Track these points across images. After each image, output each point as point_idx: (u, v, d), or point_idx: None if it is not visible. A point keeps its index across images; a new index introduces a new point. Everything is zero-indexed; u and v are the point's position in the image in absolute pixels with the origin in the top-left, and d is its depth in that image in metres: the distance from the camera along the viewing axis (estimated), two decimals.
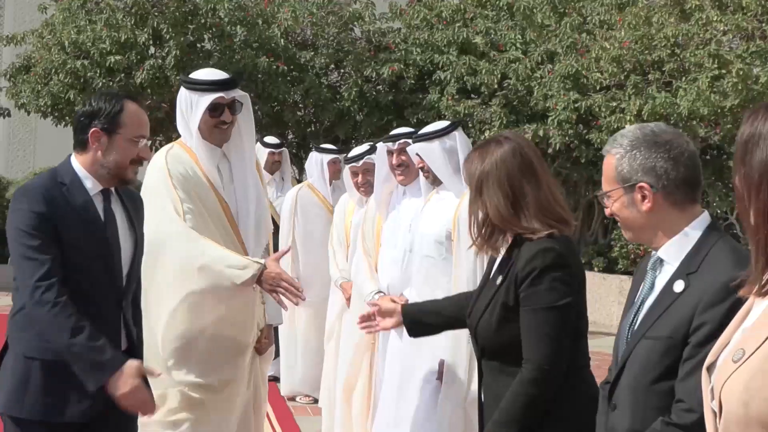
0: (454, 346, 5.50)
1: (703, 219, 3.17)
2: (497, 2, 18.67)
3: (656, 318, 3.05)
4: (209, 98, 5.27)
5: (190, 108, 5.31)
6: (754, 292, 2.29)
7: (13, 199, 4.20)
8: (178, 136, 5.45)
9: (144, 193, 5.05)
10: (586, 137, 15.95)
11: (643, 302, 3.17)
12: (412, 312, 4.59)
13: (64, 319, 4.01)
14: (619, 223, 3.32)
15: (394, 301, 6.30)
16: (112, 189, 4.36)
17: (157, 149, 19.72)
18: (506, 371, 3.88)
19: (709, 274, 2.98)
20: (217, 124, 5.33)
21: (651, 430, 2.97)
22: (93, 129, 4.24)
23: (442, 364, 5.70)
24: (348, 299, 7.62)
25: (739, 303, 2.80)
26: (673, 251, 3.12)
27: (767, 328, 2.17)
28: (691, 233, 3.12)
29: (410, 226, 6.48)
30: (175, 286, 5.19)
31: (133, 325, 4.47)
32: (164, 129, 18.99)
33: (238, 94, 5.39)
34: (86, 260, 4.17)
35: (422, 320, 4.55)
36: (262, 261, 5.18)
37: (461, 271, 5.69)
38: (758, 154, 2.26)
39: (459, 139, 5.97)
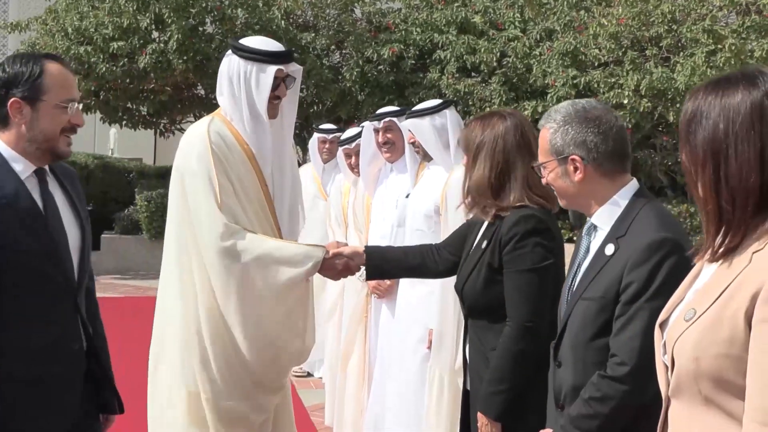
0: (441, 314, 5.68)
1: (631, 186, 3.38)
2: None
3: (591, 280, 3.25)
4: (273, 70, 4.81)
5: (248, 80, 4.82)
6: (707, 258, 2.43)
7: None
8: (182, 119, 5.33)
9: (180, 168, 4.75)
10: None
11: (579, 265, 3.38)
12: (374, 256, 4.80)
13: None
14: (555, 192, 3.52)
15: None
16: (47, 168, 3.74)
17: (161, 133, 20.18)
18: (492, 329, 4.10)
19: (635, 237, 3.19)
20: (270, 99, 4.85)
21: (589, 383, 3.17)
22: (12, 99, 3.57)
23: (430, 332, 5.89)
24: None
25: (663, 261, 3.00)
26: (604, 217, 3.34)
27: (716, 291, 2.31)
28: (620, 200, 3.34)
29: (397, 201, 6.66)
30: (222, 286, 4.70)
31: (89, 320, 3.88)
32: (168, 111, 19.19)
33: (294, 67, 4.98)
34: (27, 259, 3.53)
35: (382, 266, 4.81)
36: (322, 246, 4.83)
37: None
38: (700, 132, 2.38)
39: (449, 117, 6.17)
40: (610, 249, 3.24)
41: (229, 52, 4.89)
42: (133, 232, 18.86)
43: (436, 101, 6.39)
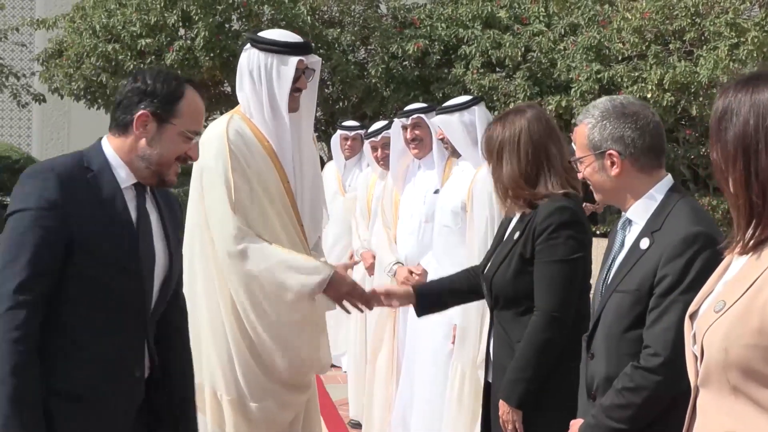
0: (464, 309, 5.80)
1: (666, 182, 3.48)
2: None
3: (626, 273, 3.36)
4: (294, 61, 4.72)
5: (269, 72, 4.68)
6: (737, 251, 2.50)
7: (20, 179, 3.36)
8: (209, 116, 5.30)
9: (200, 166, 4.68)
10: None
11: (614, 259, 3.49)
12: (423, 292, 4.75)
13: (13, 352, 3.16)
14: (591, 187, 3.61)
15: (411, 272, 6.68)
16: (147, 186, 3.56)
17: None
18: (518, 321, 4.21)
19: (670, 231, 3.29)
20: (291, 91, 4.76)
21: (623, 374, 3.27)
22: (141, 111, 3.44)
23: (454, 328, 6.00)
24: (368, 268, 7.90)
25: (698, 255, 3.10)
26: (639, 211, 3.44)
27: (746, 283, 2.39)
28: (656, 195, 3.44)
29: (425, 197, 6.79)
30: (236, 288, 4.68)
31: (176, 352, 3.76)
32: None
33: (313, 59, 4.89)
34: (107, 271, 3.35)
35: (431, 299, 4.74)
36: (331, 266, 4.72)
37: (474, 241, 5.97)
38: (732, 129, 2.45)
39: (478, 114, 6.28)
40: (645, 243, 3.34)
41: (248, 46, 4.81)
42: None
43: (466, 98, 6.51)
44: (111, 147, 3.46)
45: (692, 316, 2.60)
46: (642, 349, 3.26)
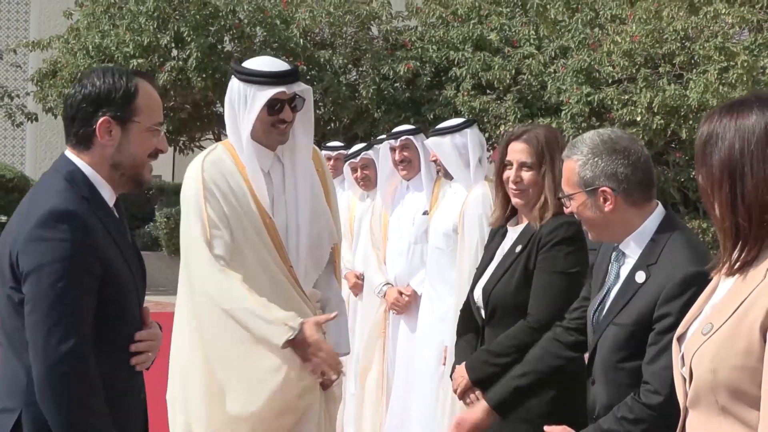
0: (454, 331, 5.84)
1: (658, 213, 3.46)
2: None
3: (622, 306, 3.36)
4: (268, 93, 4.37)
5: (244, 103, 4.42)
6: (724, 272, 2.53)
7: (40, 225, 3.00)
8: (201, 137, 5.01)
9: (181, 203, 4.48)
10: (599, 130, 16.22)
11: (609, 290, 3.49)
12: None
13: (91, 416, 3.00)
14: (582, 223, 3.59)
15: (401, 293, 6.73)
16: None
17: (180, 150, 20.39)
18: None
19: (668, 267, 3.29)
20: (275, 123, 4.41)
21: (624, 404, 3.29)
22: (102, 119, 3.13)
23: (446, 350, 6.03)
24: (352, 287, 7.92)
25: (696, 295, 3.11)
26: (633, 245, 3.43)
27: (732, 306, 2.42)
28: (649, 227, 3.42)
29: (414, 218, 6.84)
30: (203, 325, 4.38)
31: None
32: (187, 129, 19.43)
33: (300, 87, 4.50)
34: (127, 300, 3.17)
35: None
36: (298, 322, 4.20)
37: (464, 263, 6.01)
38: (717, 153, 2.47)
39: (470, 136, 6.28)
40: (641, 276, 3.33)
41: (232, 76, 4.54)
42: (153, 248, 19.07)
43: (459, 120, 6.53)
44: (88, 167, 3.17)
45: (680, 339, 2.63)
46: (642, 383, 3.28)
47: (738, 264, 2.48)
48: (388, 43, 19.05)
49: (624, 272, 3.45)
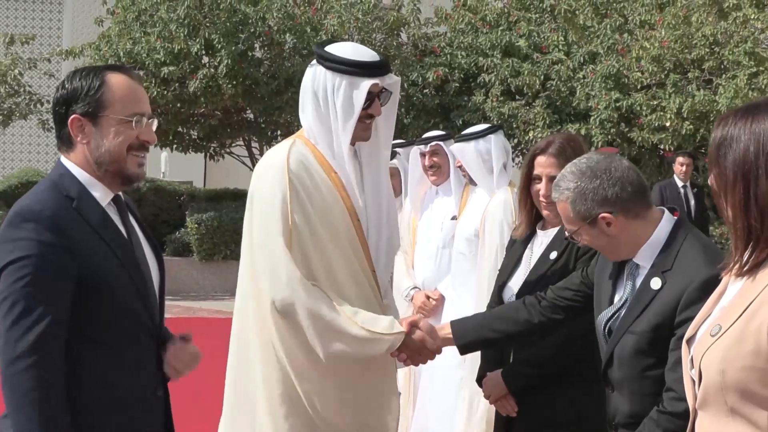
0: None
1: (667, 221, 3.50)
2: (540, 5, 19.00)
3: (638, 314, 3.39)
4: (366, 85, 4.01)
5: (333, 95, 4.04)
6: (734, 272, 2.58)
7: (7, 226, 3.05)
8: (232, 143, 4.32)
9: (253, 199, 4.09)
10: (628, 135, 16.26)
11: (622, 298, 3.53)
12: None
13: (41, 410, 2.94)
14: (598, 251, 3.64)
15: (428, 297, 6.78)
16: (122, 195, 3.34)
17: (211, 156, 20.50)
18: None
19: (684, 272, 3.32)
20: (362, 118, 4.06)
21: (649, 419, 3.31)
22: (72, 116, 3.16)
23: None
24: None
25: None
26: (646, 255, 3.47)
27: (740, 308, 2.47)
28: (659, 236, 3.46)
29: (442, 223, 6.90)
30: (281, 340, 4.02)
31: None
32: (217, 135, 19.54)
33: (391, 80, 4.16)
34: (121, 299, 3.14)
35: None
36: (399, 328, 3.98)
37: (484, 268, 6.07)
38: (731, 155, 2.53)
39: (494, 142, 6.34)
40: (656, 283, 3.37)
41: (314, 61, 4.12)
42: (184, 254, 19.17)
43: (483, 126, 6.59)
44: (76, 166, 3.19)
45: (689, 341, 2.67)
46: (664, 391, 3.30)
47: (749, 265, 2.52)
48: (417, 50, 19.11)
49: (637, 279, 3.50)
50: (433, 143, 7.03)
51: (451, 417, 6.26)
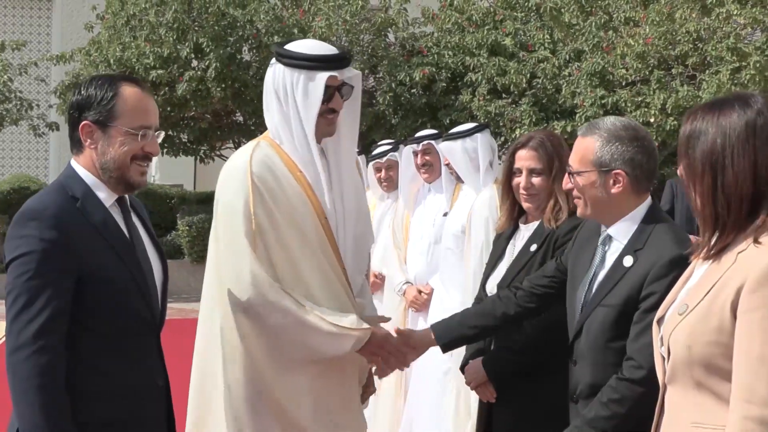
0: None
1: (647, 203, 3.66)
2: (526, 3, 19.15)
3: (610, 289, 3.56)
4: (322, 77, 3.97)
5: (292, 92, 4.02)
6: (702, 256, 2.77)
7: (14, 223, 3.25)
8: (222, 146, 4.13)
9: (218, 203, 4.07)
10: None
11: (596, 274, 3.68)
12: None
13: (41, 396, 3.11)
14: (576, 197, 3.72)
15: (420, 291, 6.95)
16: (126, 197, 3.50)
17: (201, 159, 20.61)
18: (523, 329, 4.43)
19: (654, 251, 3.50)
20: (323, 113, 4.02)
21: (607, 387, 3.47)
22: (83, 123, 3.35)
23: None
24: (370, 286, 8.09)
25: (679, 275, 3.33)
26: (622, 230, 3.63)
27: (705, 288, 2.66)
28: (638, 215, 3.63)
29: (434, 219, 7.08)
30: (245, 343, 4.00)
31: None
32: (208, 139, 19.66)
33: (350, 73, 4.13)
34: (120, 294, 3.30)
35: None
36: (365, 325, 3.97)
37: (470, 263, 6.23)
38: (699, 147, 2.71)
39: (481, 141, 6.53)
40: (628, 261, 3.53)
41: (273, 60, 4.16)
42: (176, 256, 19.30)
43: (470, 125, 6.77)
44: (83, 168, 3.38)
45: (659, 321, 2.85)
46: (625, 360, 3.45)
47: (714, 249, 2.70)
48: (405, 50, 19.26)
49: (609, 256, 3.65)
50: (425, 142, 7.20)
51: (440, 408, 6.41)
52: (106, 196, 3.38)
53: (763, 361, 2.49)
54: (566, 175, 3.73)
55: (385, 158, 8.02)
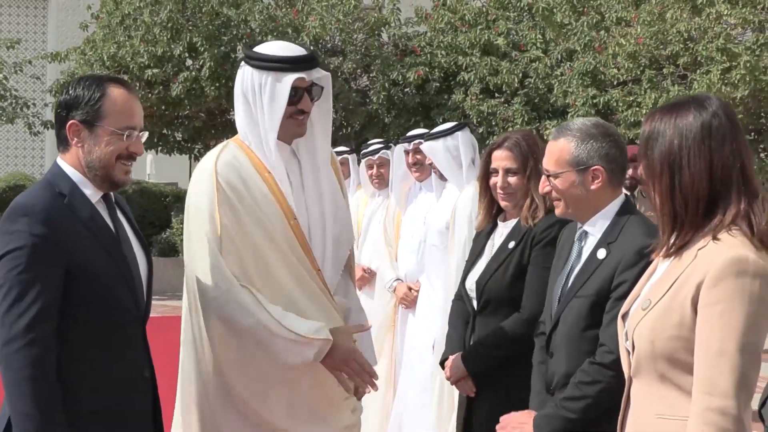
0: (443, 323, 6.09)
1: (620, 199, 3.78)
2: (518, 3, 19.27)
3: (585, 281, 3.67)
4: (288, 80, 3.95)
5: (260, 93, 4.00)
6: (662, 254, 2.86)
7: (4, 220, 3.31)
8: (216, 144, 4.23)
9: (187, 207, 4.06)
10: None
11: (572, 268, 3.79)
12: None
13: (33, 388, 3.18)
14: (553, 199, 3.81)
15: (410, 288, 7.05)
16: (112, 194, 3.55)
17: (195, 158, 20.70)
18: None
19: (625, 242, 3.62)
20: (292, 114, 4.00)
21: (580, 369, 3.59)
22: (70, 121, 3.41)
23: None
24: (358, 280, 8.13)
25: (648, 264, 3.43)
26: (597, 225, 3.74)
27: (667, 284, 2.75)
28: (612, 210, 3.74)
29: (425, 218, 7.18)
30: (220, 343, 3.96)
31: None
32: (202, 137, 19.76)
33: (318, 74, 4.09)
34: (106, 286, 3.37)
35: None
36: (325, 334, 3.87)
37: (453, 258, 6.32)
38: (657, 148, 2.78)
39: (462, 139, 6.63)
40: (602, 253, 3.64)
41: (242, 63, 4.12)
42: (170, 254, 19.39)
43: (450, 124, 6.86)
44: (69, 166, 3.44)
45: (624, 317, 2.93)
46: (598, 346, 3.56)
47: (674, 247, 2.79)
48: (398, 49, 19.38)
49: (586, 251, 3.76)
50: (416, 141, 7.30)
51: (424, 402, 6.51)
52: (91, 192, 3.43)
53: (722, 354, 2.58)
54: (543, 178, 3.82)
55: (377, 156, 8.10)
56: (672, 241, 2.82)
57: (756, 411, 2.62)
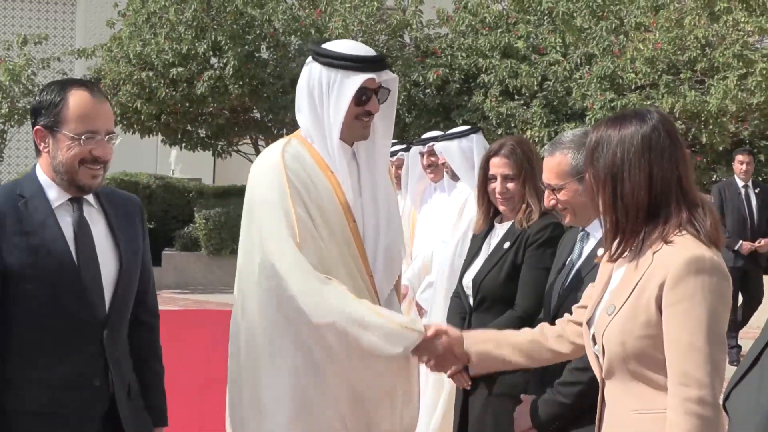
0: (443, 319, 6.28)
1: None
2: (538, 7, 19.38)
3: (584, 277, 3.84)
4: (358, 80, 3.85)
5: (328, 91, 3.89)
6: (605, 259, 3.03)
7: None
8: (239, 141, 4.09)
9: (251, 201, 3.96)
10: None
11: (573, 266, 3.99)
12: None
13: None
14: (561, 210, 3.97)
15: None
16: (89, 197, 3.53)
17: (219, 154, 20.94)
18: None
19: None
20: (359, 115, 3.91)
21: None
22: (36, 127, 3.43)
23: None
24: None
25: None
26: (597, 226, 3.90)
27: (628, 288, 2.90)
28: None
29: (437, 215, 7.43)
30: (290, 344, 3.84)
31: (145, 357, 3.72)
32: (225, 134, 19.99)
33: (387, 76, 4.00)
34: (46, 290, 3.34)
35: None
36: (419, 327, 3.73)
37: (451, 249, 6.57)
38: (602, 159, 2.93)
39: (476, 141, 6.90)
40: (602, 251, 3.69)
41: (309, 59, 4.00)
42: (193, 248, 19.59)
43: (465, 127, 7.15)
44: (41, 170, 3.46)
45: (588, 322, 3.09)
46: None
47: (617, 253, 2.96)
48: (419, 51, 19.53)
49: (586, 250, 3.93)
50: (431, 143, 7.53)
51: (421, 395, 6.72)
52: (56, 195, 3.45)
53: (692, 347, 2.76)
54: (546, 193, 3.98)
55: (395, 157, 8.34)
56: (614, 248, 2.97)
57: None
